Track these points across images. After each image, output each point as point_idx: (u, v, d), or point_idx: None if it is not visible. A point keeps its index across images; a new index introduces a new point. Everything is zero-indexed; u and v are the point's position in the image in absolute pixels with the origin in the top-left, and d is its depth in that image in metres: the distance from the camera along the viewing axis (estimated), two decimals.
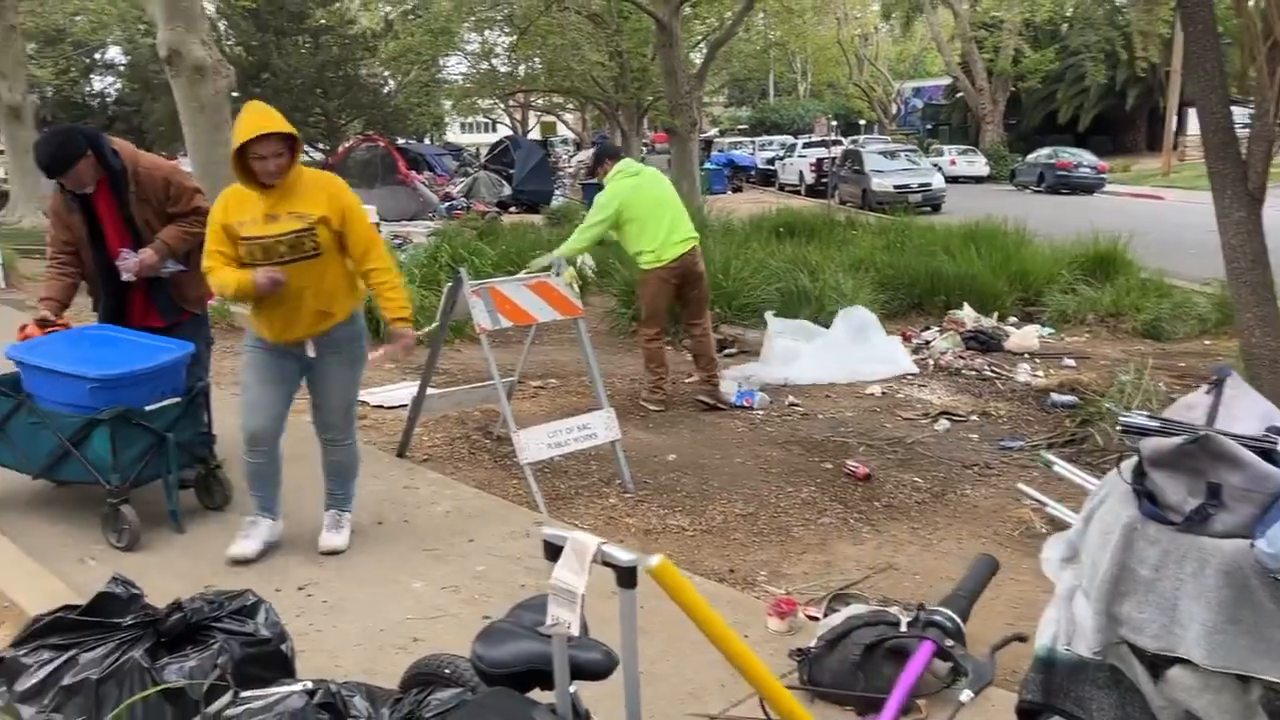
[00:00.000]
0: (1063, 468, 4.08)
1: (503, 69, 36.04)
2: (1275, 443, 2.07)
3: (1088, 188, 28.12)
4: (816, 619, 3.50)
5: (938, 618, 1.44)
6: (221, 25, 27.50)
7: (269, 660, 2.33)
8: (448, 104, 39.15)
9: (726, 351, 8.32)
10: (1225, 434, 2.13)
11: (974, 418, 6.47)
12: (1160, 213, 21.95)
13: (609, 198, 6.33)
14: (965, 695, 1.41)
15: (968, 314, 9.36)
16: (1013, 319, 9.75)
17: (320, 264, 3.91)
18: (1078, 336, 9.32)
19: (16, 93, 17.09)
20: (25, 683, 2.24)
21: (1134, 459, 2.23)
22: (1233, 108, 4.33)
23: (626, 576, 1.39)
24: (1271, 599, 1.98)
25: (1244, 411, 2.23)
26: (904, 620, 3.30)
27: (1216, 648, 2.04)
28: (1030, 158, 30.94)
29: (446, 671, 2.07)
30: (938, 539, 4.53)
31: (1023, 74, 36.40)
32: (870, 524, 4.70)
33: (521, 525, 4.50)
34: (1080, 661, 2.28)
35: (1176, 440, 2.07)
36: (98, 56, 36.38)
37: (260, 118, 3.72)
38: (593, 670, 1.70)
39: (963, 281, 10.05)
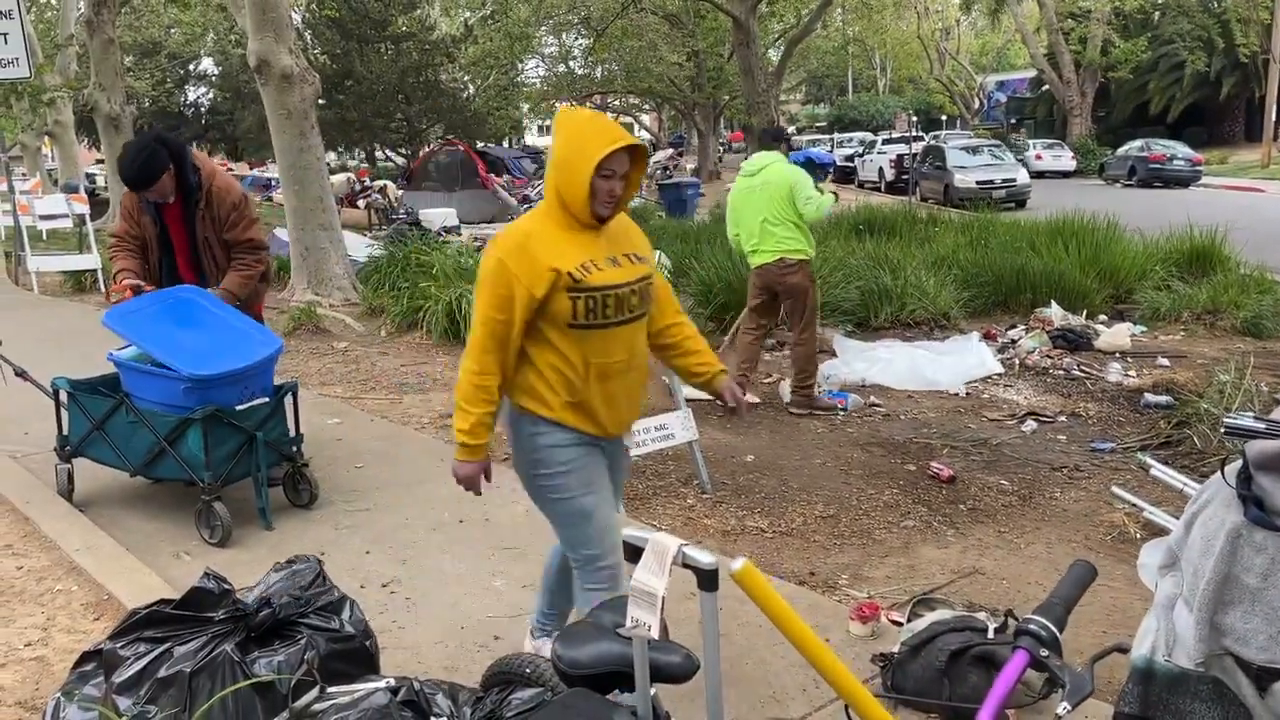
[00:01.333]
0: (1161, 471, 3.92)
1: (580, 71, 36.37)
2: None
3: (1182, 181, 27.11)
4: (900, 624, 3.43)
5: (1032, 626, 1.39)
6: (307, 35, 28.22)
7: (353, 657, 2.37)
8: (525, 107, 39.60)
9: None
10: None
11: (1062, 419, 6.29)
12: (1260, 205, 21.07)
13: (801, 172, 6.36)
14: (1063, 708, 1.35)
15: (1055, 312, 9.10)
16: (1103, 317, 9.45)
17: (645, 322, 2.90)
18: (1172, 335, 8.98)
19: (115, 103, 17.77)
20: (122, 674, 2.32)
21: (1239, 462, 2.13)
22: None
23: (708, 579, 1.37)
24: None
25: None
26: (991, 626, 3.22)
27: None
28: (1120, 151, 29.94)
29: (527, 671, 2.08)
30: (1025, 543, 4.40)
31: (1112, 64, 35.29)
32: (955, 527, 4.60)
33: None
34: (1181, 673, 2.19)
35: None
36: (192, 68, 37.66)
37: (611, 126, 2.70)
38: (672, 673, 1.68)
39: (1049, 278, 9.77)
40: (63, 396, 4.74)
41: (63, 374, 4.86)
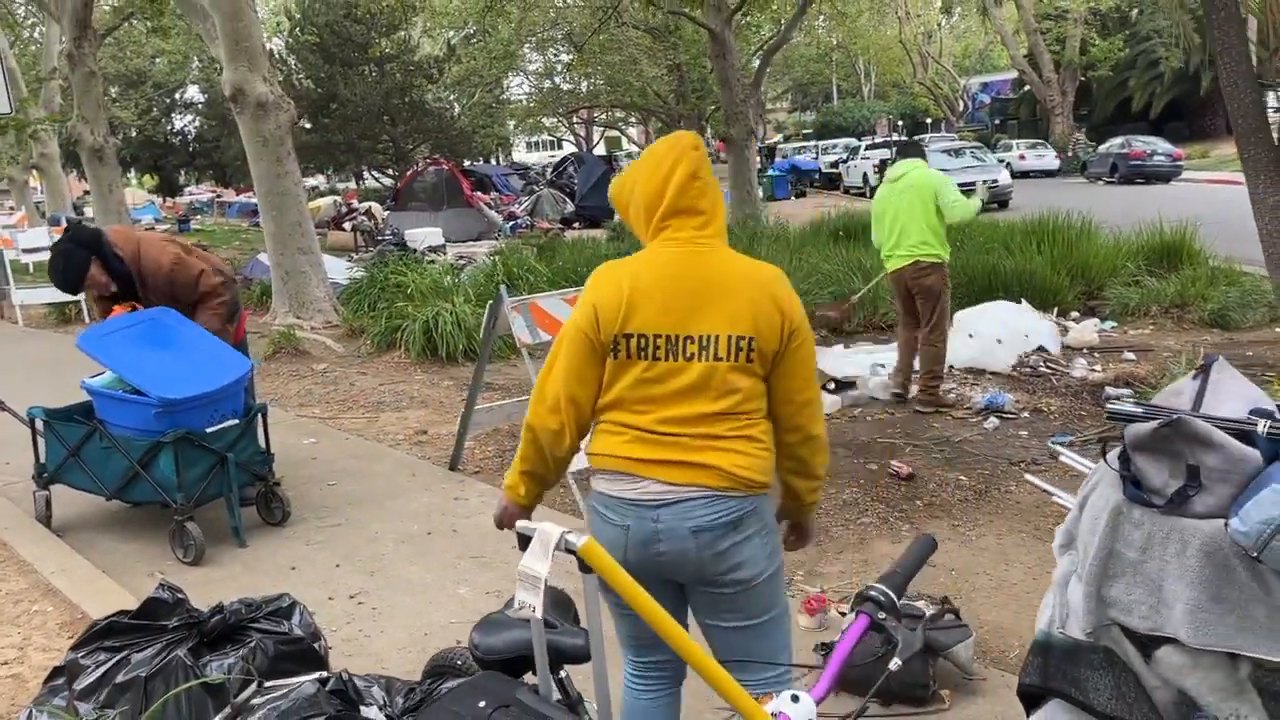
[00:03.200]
0: (1068, 457, 4.06)
1: (565, 86, 36.59)
2: (1255, 424, 2.10)
3: (1163, 176, 27.33)
4: (845, 614, 3.56)
5: (873, 593, 1.52)
6: (291, 60, 28.42)
7: (302, 658, 2.50)
8: (512, 124, 39.84)
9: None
10: (1206, 417, 2.16)
11: (1025, 414, 6.43)
12: (1240, 198, 21.07)
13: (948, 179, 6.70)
14: (894, 664, 1.49)
15: (1025, 310, 9.24)
16: (1074, 314, 9.60)
17: None
18: (1142, 329, 9.14)
19: (99, 135, 17.89)
20: (83, 681, 2.45)
21: (1120, 445, 2.27)
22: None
23: (585, 563, 1.51)
24: (1252, 577, 2.01)
25: (1230, 395, 2.26)
26: (928, 613, 3.35)
27: (1201, 626, 2.07)
28: (1102, 148, 30.16)
29: (459, 663, 2.21)
30: (977, 535, 4.54)
31: (1092, 63, 35.59)
32: (910, 522, 4.73)
33: None
34: (1075, 644, 2.32)
35: (1153, 424, 2.11)
36: (177, 96, 37.87)
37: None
38: (575, 655, 1.82)
39: (1021, 278, 9.91)
40: (39, 425, 4.87)
41: (44, 404, 4.99)
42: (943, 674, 3.23)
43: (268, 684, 2.04)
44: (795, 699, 1.40)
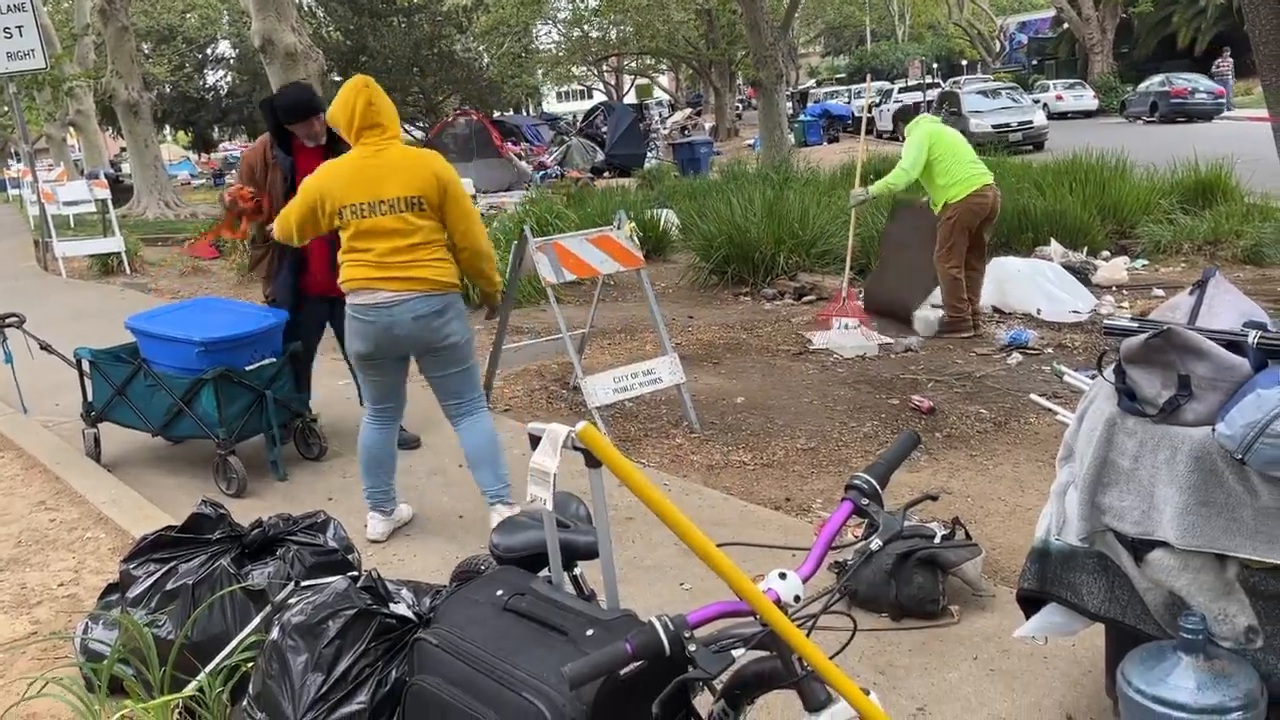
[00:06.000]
0: (1072, 376, 4.13)
1: (593, 34, 36.29)
2: (1246, 335, 2.17)
3: (1205, 114, 26.72)
4: (858, 537, 3.66)
5: (858, 481, 1.62)
6: (320, 12, 28.40)
7: (336, 567, 2.65)
8: (541, 73, 39.63)
9: (805, 299, 8.44)
10: (1200, 329, 2.23)
11: (1049, 350, 6.46)
12: None
13: (922, 136, 6.81)
14: (875, 544, 1.59)
15: (1055, 249, 9.19)
16: (1105, 252, 9.53)
17: None
18: (1173, 267, 9.08)
19: (133, 90, 18.13)
20: (135, 590, 2.63)
21: (1115, 359, 2.34)
22: None
23: (591, 458, 1.62)
24: (1238, 480, 2.09)
25: (1225, 308, 2.33)
26: (939, 534, 3.46)
27: (1189, 528, 2.16)
28: (1141, 86, 29.49)
29: (482, 568, 2.35)
30: (994, 464, 4.62)
31: None
32: (929, 453, 4.82)
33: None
34: (1071, 550, 2.42)
35: (1145, 335, 2.18)
36: (209, 51, 37.99)
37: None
38: (588, 551, 1.94)
39: (1051, 217, 9.83)
40: (85, 366, 5.07)
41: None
42: (953, 590, 3.34)
43: (304, 584, 2.20)
44: (783, 576, 1.51)
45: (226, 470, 4.66)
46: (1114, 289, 8.11)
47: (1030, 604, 2.58)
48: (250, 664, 2.27)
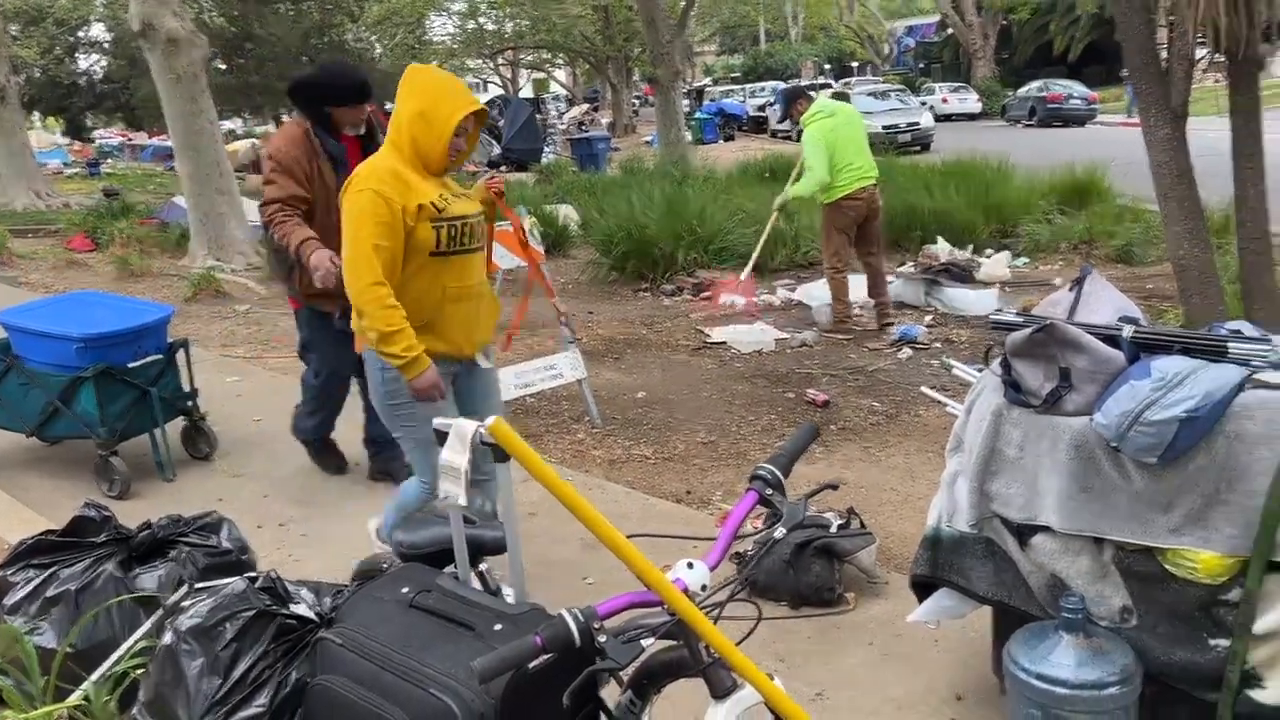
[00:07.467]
0: (961, 370, 4.31)
1: (489, 27, 35.89)
2: (1120, 330, 2.29)
3: (1079, 119, 28.00)
4: (758, 528, 3.73)
5: (762, 472, 1.66)
6: None
7: (231, 569, 2.58)
8: (435, 65, 38.99)
9: (704, 295, 8.53)
10: (1078, 324, 2.35)
11: (937, 345, 6.68)
12: None
13: (817, 137, 6.74)
14: (779, 532, 1.64)
15: (942, 247, 9.48)
16: (989, 250, 9.89)
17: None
18: (1052, 265, 9.48)
19: (1, 74, 17.19)
20: (13, 597, 2.51)
21: (1001, 353, 2.45)
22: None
23: (501, 453, 1.62)
24: (1114, 467, 2.21)
25: (1101, 304, 2.45)
26: (835, 524, 3.55)
27: (1069, 513, 2.27)
28: (1021, 92, 30.75)
29: (385, 566, 2.31)
30: (886, 455, 4.76)
31: (1012, 6, 36.03)
32: (824, 445, 4.93)
33: None
34: (961, 537, 2.52)
35: (1029, 330, 2.29)
36: (81, 34, 36.20)
37: (465, 89, 2.98)
38: (494, 546, 1.94)
39: (939, 216, 10.18)
40: None
41: None
42: (849, 578, 3.44)
43: (198, 585, 2.13)
44: (690, 566, 1.53)
45: (109, 471, 4.47)
46: (997, 285, 8.43)
47: (923, 589, 2.68)
48: (140, 670, 2.19)
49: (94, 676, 2.30)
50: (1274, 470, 2.02)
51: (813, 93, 7.95)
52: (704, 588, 1.53)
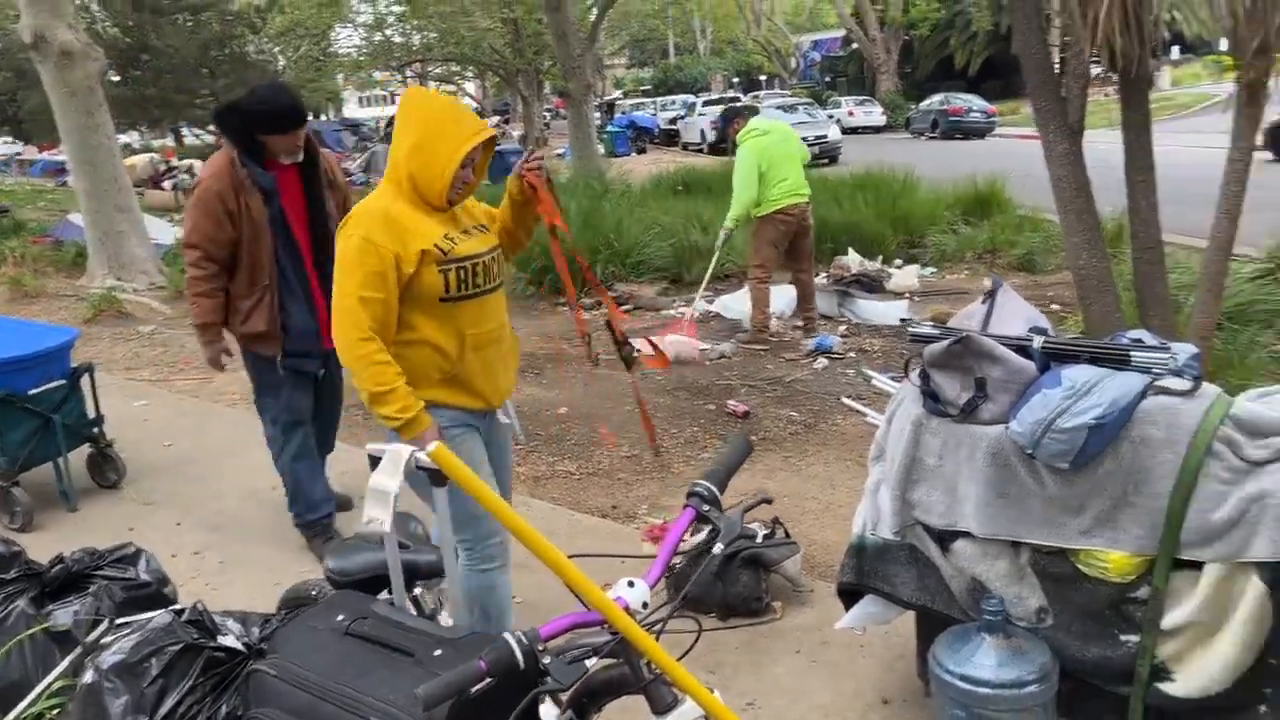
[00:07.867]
0: (879, 380, 4.44)
1: (396, 39, 35.46)
2: (1031, 340, 2.39)
3: (979, 132, 28.95)
4: (685, 540, 3.77)
5: (698, 488, 1.69)
6: (93, 6, 26.49)
7: (151, 602, 2.51)
8: (341, 78, 38.41)
9: (624, 308, 8.57)
10: (991, 335, 2.44)
11: (851, 355, 6.83)
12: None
13: (751, 157, 6.81)
14: (718, 548, 1.67)
15: (852, 259, 9.71)
16: (898, 261, 10.14)
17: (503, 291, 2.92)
18: (958, 274, 9.77)
19: None
20: None
21: (920, 364, 2.53)
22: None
23: (437, 477, 1.61)
24: (1029, 473, 2.30)
25: (1012, 315, 2.55)
26: (761, 534, 3.61)
27: (987, 519, 2.35)
28: (924, 105, 31.65)
29: (314, 593, 2.28)
30: (806, 464, 4.85)
31: (914, 22, 37.08)
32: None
33: None
34: (884, 544, 2.59)
35: (946, 342, 2.37)
36: None
37: (470, 116, 2.69)
38: (429, 571, 1.93)
39: (849, 228, 10.41)
40: None
41: None
42: (775, 588, 3.50)
43: (118, 620, 2.06)
44: (631, 584, 1.55)
45: (10, 503, 4.29)
46: (907, 295, 8.65)
47: (849, 596, 2.74)
48: (58, 711, 2.11)
49: (8, 719, 2.20)
50: (1176, 472, 2.13)
51: (756, 110, 8.05)
52: (645, 605, 1.54)
